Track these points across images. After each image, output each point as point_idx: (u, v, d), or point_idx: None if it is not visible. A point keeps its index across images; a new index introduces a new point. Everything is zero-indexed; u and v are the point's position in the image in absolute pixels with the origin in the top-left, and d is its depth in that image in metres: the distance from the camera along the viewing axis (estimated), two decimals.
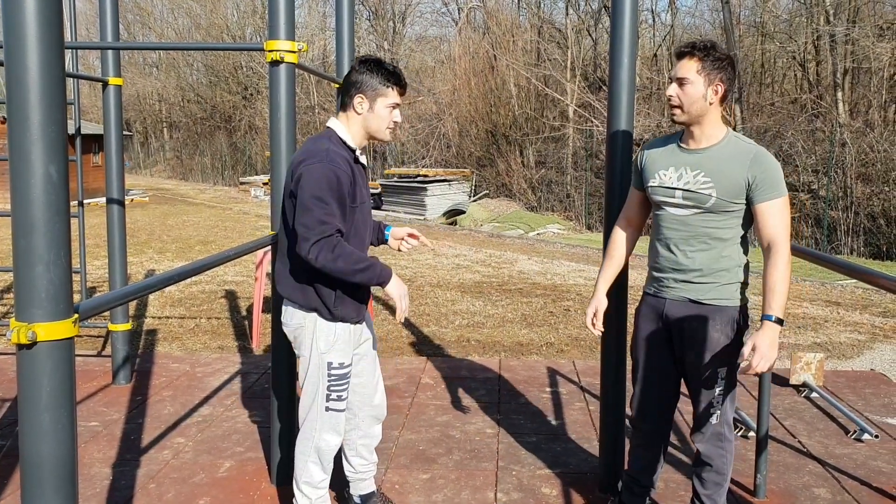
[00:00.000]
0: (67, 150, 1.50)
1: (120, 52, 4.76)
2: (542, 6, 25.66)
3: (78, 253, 4.64)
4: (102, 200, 17.59)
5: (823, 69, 18.73)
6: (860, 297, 8.54)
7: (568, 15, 23.18)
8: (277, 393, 3.27)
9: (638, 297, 2.91)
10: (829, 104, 17.20)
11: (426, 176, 19.32)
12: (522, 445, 3.83)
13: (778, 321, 2.38)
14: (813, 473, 3.51)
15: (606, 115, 3.15)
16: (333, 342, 2.62)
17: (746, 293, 2.61)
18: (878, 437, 3.93)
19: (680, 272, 2.58)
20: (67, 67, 4.25)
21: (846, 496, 3.27)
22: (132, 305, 7.26)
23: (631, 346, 2.84)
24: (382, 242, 2.89)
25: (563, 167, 19.63)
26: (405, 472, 3.50)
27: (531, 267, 10.66)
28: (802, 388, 4.72)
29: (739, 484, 3.38)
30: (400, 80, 2.58)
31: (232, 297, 8.15)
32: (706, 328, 2.55)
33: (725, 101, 2.52)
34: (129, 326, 4.82)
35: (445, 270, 10.22)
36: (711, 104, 2.48)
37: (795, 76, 20.59)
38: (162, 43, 6.31)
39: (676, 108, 2.52)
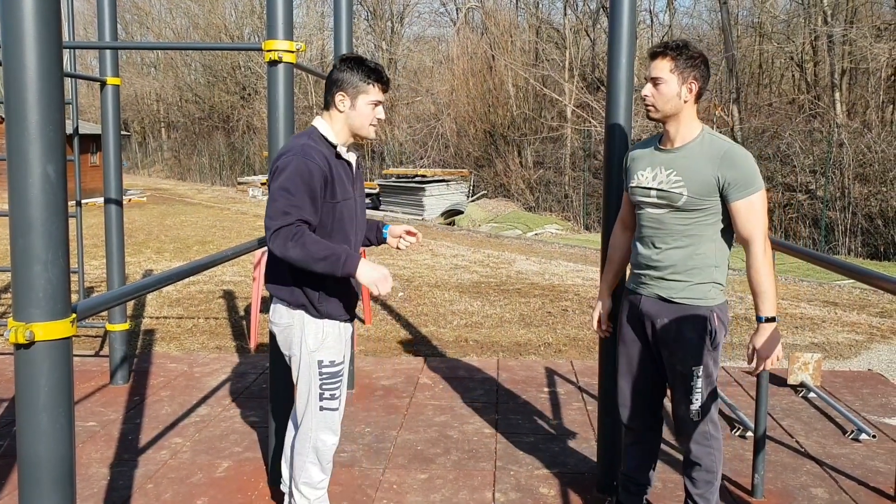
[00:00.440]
0: (65, 149, 1.50)
1: (118, 51, 4.76)
2: (540, 6, 25.73)
3: (76, 253, 4.63)
4: (100, 200, 17.58)
5: (821, 70, 18.78)
6: (858, 297, 8.56)
7: (566, 15, 23.21)
8: (275, 393, 3.27)
9: None
10: (826, 105, 17.24)
11: (424, 176, 19.33)
12: (520, 445, 3.83)
13: (769, 319, 2.39)
14: (810, 473, 3.52)
15: (604, 115, 3.15)
16: (322, 339, 2.60)
17: (721, 293, 2.59)
18: (875, 437, 3.93)
19: (654, 269, 2.61)
20: (65, 67, 4.24)
21: (843, 496, 3.28)
22: (130, 305, 7.26)
23: (616, 342, 2.87)
24: (382, 242, 2.87)
25: (561, 167, 19.65)
26: (403, 472, 3.50)
27: (529, 267, 10.67)
28: (800, 388, 4.73)
29: (737, 484, 3.38)
30: (381, 76, 2.56)
31: (230, 297, 8.15)
32: (678, 327, 2.56)
33: (700, 98, 2.57)
34: (126, 326, 4.82)
35: (444, 271, 10.22)
36: (686, 102, 2.53)
37: (793, 77, 20.63)
38: (160, 43, 6.31)
39: (650, 106, 2.57)
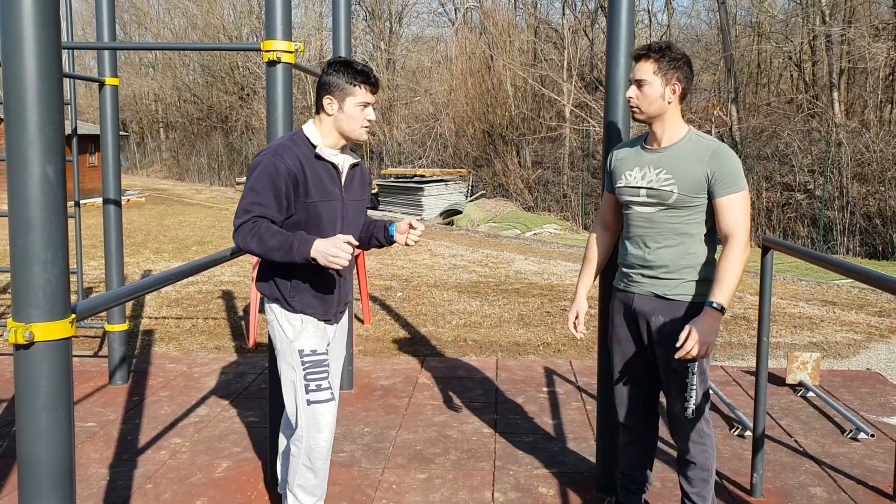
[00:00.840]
0: (64, 150, 1.50)
1: (116, 52, 4.76)
2: (538, 6, 25.73)
3: (74, 253, 4.63)
4: (99, 201, 17.57)
5: (819, 69, 18.79)
6: (856, 296, 8.57)
7: (564, 15, 23.21)
8: (274, 393, 3.27)
9: None
10: (825, 104, 17.25)
11: (423, 176, 19.32)
12: (519, 445, 3.83)
13: (720, 308, 2.42)
14: (809, 472, 3.52)
15: (603, 114, 3.16)
16: (301, 330, 2.57)
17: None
18: (873, 436, 3.94)
19: (647, 268, 2.62)
20: (64, 67, 4.24)
21: (842, 495, 3.28)
22: (129, 306, 7.25)
23: (609, 341, 2.87)
24: (391, 242, 2.79)
25: (559, 167, 19.65)
26: (402, 471, 3.50)
27: (528, 267, 10.67)
28: (799, 387, 4.74)
29: (736, 483, 3.39)
30: (368, 78, 2.54)
31: (229, 297, 8.14)
32: (674, 324, 2.58)
33: (685, 98, 2.60)
34: (125, 327, 4.82)
35: (442, 270, 10.22)
36: (670, 103, 2.55)
37: (791, 76, 20.64)
38: (158, 43, 6.30)
39: (635, 108, 2.60)
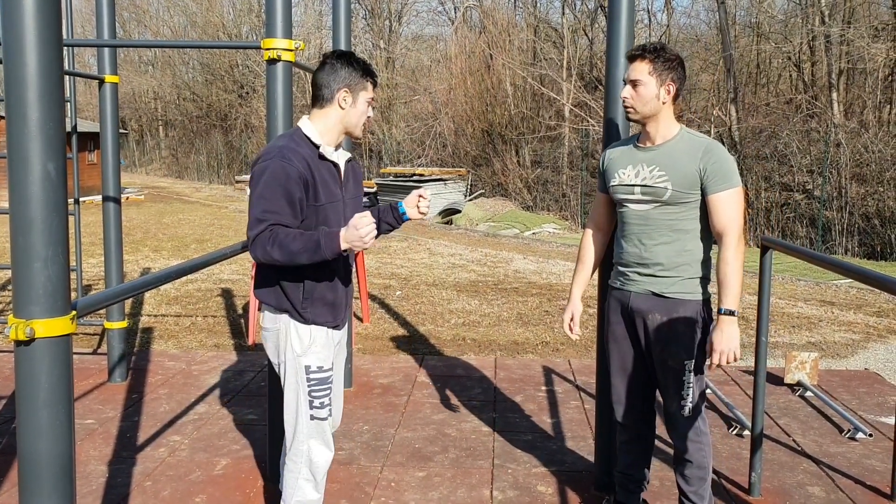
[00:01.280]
0: (65, 147, 1.50)
1: (116, 49, 4.76)
2: (538, 5, 25.74)
3: (74, 251, 4.63)
4: (98, 198, 17.55)
5: (819, 70, 18.80)
6: (854, 296, 8.58)
7: (564, 14, 23.22)
8: (273, 391, 3.27)
9: None
10: (824, 105, 17.26)
11: (422, 175, 19.32)
12: (518, 444, 3.84)
13: (729, 313, 2.45)
14: (807, 472, 3.53)
15: (603, 114, 3.16)
16: (309, 344, 2.48)
17: (708, 288, 2.65)
18: (871, 435, 3.95)
19: (643, 266, 2.63)
20: (64, 65, 4.24)
21: (840, 494, 3.29)
22: (128, 303, 7.25)
23: (605, 340, 2.88)
24: (402, 221, 2.71)
25: (558, 167, 19.65)
26: (401, 469, 3.51)
27: (527, 266, 10.67)
28: (797, 387, 4.75)
29: (734, 482, 3.39)
30: (375, 74, 2.55)
31: (228, 294, 8.15)
32: (670, 322, 2.59)
33: (678, 99, 2.62)
34: (124, 324, 4.82)
35: (441, 269, 10.22)
36: (664, 103, 2.57)
37: (791, 77, 20.65)
38: (158, 41, 6.30)
39: (630, 108, 2.61)
